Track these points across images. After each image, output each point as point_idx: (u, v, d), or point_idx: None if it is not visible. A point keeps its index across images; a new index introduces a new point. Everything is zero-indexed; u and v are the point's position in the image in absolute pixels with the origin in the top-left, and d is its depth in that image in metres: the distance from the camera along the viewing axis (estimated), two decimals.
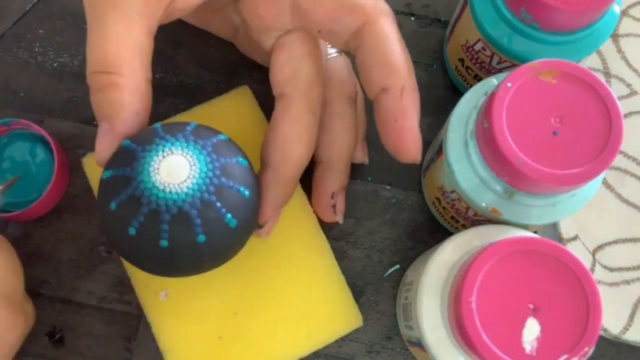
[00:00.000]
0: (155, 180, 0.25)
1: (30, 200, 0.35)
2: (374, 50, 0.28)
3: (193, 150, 0.25)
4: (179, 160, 0.25)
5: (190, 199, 0.25)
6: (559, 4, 0.28)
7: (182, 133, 0.26)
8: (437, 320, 0.28)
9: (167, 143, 0.25)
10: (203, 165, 0.25)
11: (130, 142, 0.26)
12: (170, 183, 0.25)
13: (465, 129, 0.29)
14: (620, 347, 0.36)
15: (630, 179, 0.37)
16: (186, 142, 0.25)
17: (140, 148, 0.25)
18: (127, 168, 0.25)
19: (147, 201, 0.25)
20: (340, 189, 0.34)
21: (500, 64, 0.32)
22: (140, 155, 0.25)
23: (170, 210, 0.25)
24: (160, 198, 0.24)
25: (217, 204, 0.25)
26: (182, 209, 0.25)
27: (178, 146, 0.25)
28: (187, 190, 0.25)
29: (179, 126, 0.27)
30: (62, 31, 0.39)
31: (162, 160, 0.25)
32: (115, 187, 0.25)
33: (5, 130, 0.36)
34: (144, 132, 0.27)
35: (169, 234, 0.25)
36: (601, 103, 0.26)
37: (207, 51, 0.39)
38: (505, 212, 0.29)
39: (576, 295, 0.26)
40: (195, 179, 0.25)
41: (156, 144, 0.25)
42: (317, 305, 0.33)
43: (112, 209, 0.25)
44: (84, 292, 0.36)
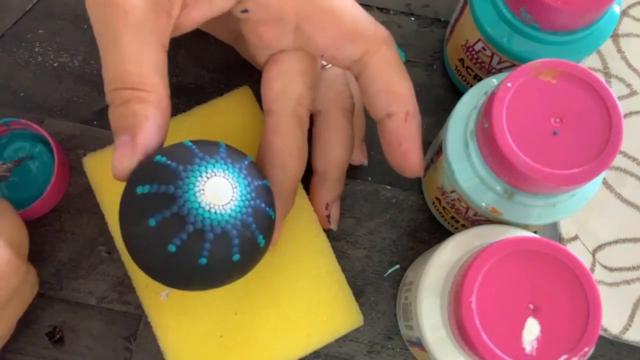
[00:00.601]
0: (202, 201, 0.25)
1: (30, 200, 0.35)
2: (377, 79, 0.29)
3: (232, 173, 0.26)
4: (222, 182, 0.26)
5: (233, 221, 0.25)
6: (559, 4, 0.28)
7: (218, 155, 0.26)
8: (437, 320, 0.28)
9: (209, 164, 0.26)
10: (243, 187, 0.26)
11: (167, 160, 0.26)
12: (215, 204, 0.25)
13: (465, 129, 0.29)
14: (620, 347, 0.36)
15: (630, 179, 0.37)
16: (225, 164, 0.26)
17: (182, 167, 0.26)
18: (169, 186, 0.25)
19: (193, 220, 0.25)
20: (335, 199, 0.35)
21: (500, 64, 0.32)
22: (183, 175, 0.25)
23: (214, 230, 0.25)
24: (206, 218, 0.25)
25: (253, 225, 0.26)
26: (225, 230, 0.25)
27: (219, 168, 0.26)
28: (230, 212, 0.25)
29: (212, 147, 0.27)
30: (62, 31, 0.39)
31: (206, 181, 0.25)
32: (156, 204, 0.25)
33: (5, 130, 0.36)
34: (178, 150, 0.26)
35: (209, 252, 0.25)
36: (601, 103, 0.26)
37: (207, 51, 0.39)
38: (505, 212, 0.29)
39: (576, 295, 0.26)
40: (237, 201, 0.26)
41: (198, 164, 0.26)
42: (317, 304, 0.33)
43: (150, 225, 0.25)
44: (84, 292, 0.36)
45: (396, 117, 0.29)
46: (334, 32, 0.29)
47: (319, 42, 0.30)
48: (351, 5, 0.29)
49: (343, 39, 0.29)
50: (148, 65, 0.27)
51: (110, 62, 0.27)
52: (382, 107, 0.30)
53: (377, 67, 0.29)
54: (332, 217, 0.35)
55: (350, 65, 0.30)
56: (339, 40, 0.29)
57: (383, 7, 0.40)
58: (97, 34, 0.28)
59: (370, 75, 0.30)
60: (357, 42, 0.29)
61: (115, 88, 0.27)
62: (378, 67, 0.29)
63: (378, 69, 0.29)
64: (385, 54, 0.29)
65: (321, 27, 0.29)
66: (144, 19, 0.27)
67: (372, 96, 0.30)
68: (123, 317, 0.35)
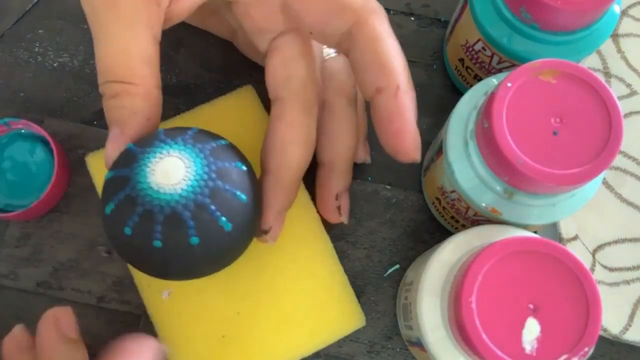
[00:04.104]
0: (151, 181, 0.25)
1: (30, 200, 0.35)
2: (366, 51, 0.28)
3: (190, 153, 0.25)
4: (175, 162, 0.25)
5: (184, 201, 0.25)
6: (559, 4, 0.28)
7: (182, 137, 0.26)
8: (437, 320, 0.28)
9: (166, 145, 0.26)
10: (199, 167, 0.25)
11: (132, 145, 0.26)
12: (164, 184, 0.25)
13: (465, 129, 0.29)
14: (620, 347, 0.36)
15: (630, 179, 0.37)
16: (184, 145, 0.26)
17: (140, 150, 0.26)
18: (126, 169, 0.26)
19: (142, 201, 0.25)
20: (344, 189, 0.34)
21: (500, 64, 0.32)
22: (139, 157, 0.25)
23: (163, 211, 0.25)
24: (154, 199, 0.25)
25: (212, 206, 0.25)
26: (175, 210, 0.25)
27: (176, 149, 0.25)
28: (180, 192, 0.25)
29: (180, 130, 0.27)
30: (62, 31, 0.39)
31: (158, 161, 0.25)
32: (115, 188, 0.26)
33: (5, 130, 0.36)
34: (148, 136, 0.27)
35: (162, 234, 0.25)
36: (601, 103, 0.26)
37: (207, 51, 0.39)
38: (505, 212, 0.29)
39: (576, 295, 0.26)
40: (190, 180, 0.25)
41: (155, 146, 0.26)
42: (320, 305, 0.33)
43: (111, 209, 0.26)
44: (83, 292, 0.36)
45: (386, 91, 0.27)
46: (319, 5, 0.28)
47: (306, 18, 0.29)
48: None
49: (329, 12, 0.28)
50: (137, 58, 0.27)
51: (101, 54, 0.27)
52: (371, 81, 0.28)
53: (365, 39, 0.28)
54: (342, 209, 0.34)
55: (339, 40, 0.29)
56: (325, 14, 0.28)
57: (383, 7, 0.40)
58: (90, 26, 0.28)
59: (359, 48, 0.28)
60: (344, 14, 0.28)
61: (105, 81, 0.27)
62: (366, 39, 0.28)
63: (366, 41, 0.28)
64: (373, 25, 0.28)
65: (306, 3, 0.28)
66: (134, 10, 0.27)
67: (361, 72, 0.28)
68: (123, 317, 0.35)
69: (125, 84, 0.27)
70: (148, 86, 0.27)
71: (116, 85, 0.27)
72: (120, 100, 0.27)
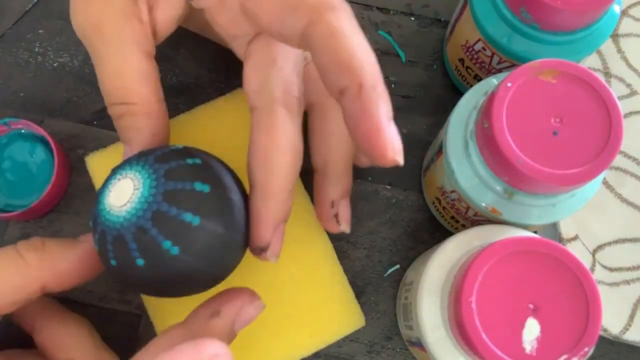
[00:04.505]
0: (106, 203, 0.26)
1: (30, 200, 0.35)
2: (323, 50, 0.25)
3: (142, 174, 0.25)
4: (127, 184, 0.25)
5: (127, 223, 0.25)
6: (559, 4, 0.28)
7: (149, 156, 0.26)
8: (437, 320, 0.28)
9: (128, 167, 0.26)
10: (145, 189, 0.25)
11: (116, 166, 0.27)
12: (114, 206, 0.25)
13: (465, 129, 0.29)
14: (620, 347, 0.36)
15: (630, 179, 0.37)
16: (142, 166, 0.26)
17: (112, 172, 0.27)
18: (94, 208, 0.27)
19: (99, 222, 0.26)
20: (341, 196, 0.32)
21: (500, 64, 0.32)
22: (100, 192, 0.27)
23: (111, 232, 0.25)
24: (106, 220, 0.25)
25: (153, 230, 0.25)
26: (120, 232, 0.25)
27: (133, 170, 0.26)
28: (124, 214, 0.25)
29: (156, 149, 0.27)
30: (62, 31, 0.39)
31: (116, 183, 0.26)
32: (94, 228, 0.27)
33: (5, 130, 0.36)
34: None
35: (113, 254, 0.26)
36: (601, 103, 0.26)
37: (207, 51, 0.39)
38: (505, 212, 0.29)
39: (576, 295, 0.26)
40: (134, 203, 0.25)
41: (111, 177, 0.26)
42: (319, 305, 0.33)
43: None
44: (84, 292, 0.36)
45: (349, 92, 0.24)
46: (271, 3, 0.26)
47: (262, 19, 0.27)
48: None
49: (283, 10, 0.26)
50: (131, 78, 0.28)
51: (100, 78, 0.28)
52: (333, 83, 0.25)
53: (321, 38, 0.25)
54: (340, 217, 0.32)
55: (299, 42, 0.26)
56: (279, 13, 0.26)
57: (383, 7, 0.40)
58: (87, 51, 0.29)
59: (316, 48, 0.25)
60: (298, 12, 0.25)
61: (110, 103, 0.28)
62: (322, 38, 0.25)
63: (323, 40, 0.25)
64: (330, 22, 0.25)
65: (260, 1, 0.27)
66: (118, 32, 0.28)
67: (323, 74, 0.25)
68: (123, 317, 0.35)
69: (126, 104, 0.28)
70: (148, 103, 0.28)
71: (119, 107, 0.28)
72: (124, 121, 0.28)
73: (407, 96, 0.39)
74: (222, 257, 0.27)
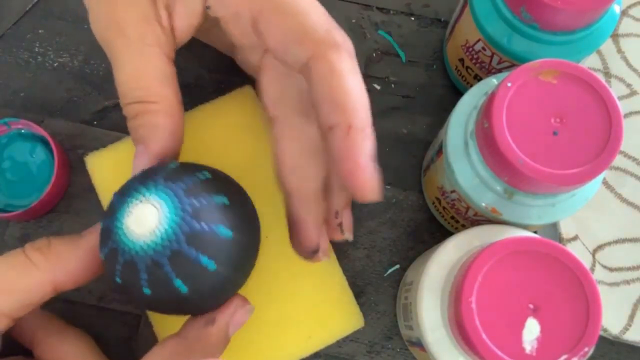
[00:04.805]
0: (124, 223, 0.25)
1: (30, 200, 0.35)
2: (321, 86, 0.26)
3: (168, 205, 0.25)
4: (150, 212, 0.25)
5: (143, 253, 0.25)
6: (559, 4, 0.28)
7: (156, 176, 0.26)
8: (437, 320, 0.28)
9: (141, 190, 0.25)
10: (169, 226, 0.25)
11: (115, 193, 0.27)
12: (133, 231, 0.25)
13: (465, 129, 0.29)
14: (620, 347, 0.36)
15: (630, 179, 0.37)
16: (155, 187, 0.25)
17: (120, 199, 0.26)
18: (108, 220, 0.26)
19: (113, 238, 0.25)
20: (344, 205, 0.32)
21: (500, 64, 0.32)
22: (117, 207, 0.26)
23: (124, 254, 0.25)
24: (121, 241, 0.25)
25: (168, 267, 0.25)
26: (133, 259, 0.25)
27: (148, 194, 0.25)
28: (142, 244, 0.25)
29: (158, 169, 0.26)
30: (62, 31, 0.39)
31: (137, 205, 0.25)
32: (103, 239, 0.26)
33: (5, 130, 0.36)
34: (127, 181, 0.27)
35: (121, 274, 0.25)
36: (601, 103, 0.26)
37: (207, 51, 0.39)
38: (505, 212, 0.29)
39: (576, 295, 0.26)
40: (155, 237, 0.25)
41: (130, 195, 0.25)
42: (318, 305, 0.33)
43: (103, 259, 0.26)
44: (84, 292, 0.36)
45: (337, 129, 0.26)
46: (280, 30, 0.27)
47: (269, 42, 0.28)
48: (307, 4, 0.27)
49: (288, 39, 0.27)
50: (153, 78, 0.28)
51: (119, 79, 0.28)
52: (324, 117, 0.26)
53: (321, 73, 0.26)
54: (344, 226, 0.32)
55: (299, 69, 0.27)
56: (284, 40, 0.27)
57: (383, 7, 0.40)
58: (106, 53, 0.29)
59: (314, 81, 0.27)
60: (303, 44, 0.27)
61: (126, 103, 0.28)
62: (322, 74, 0.26)
63: (322, 76, 0.26)
64: (331, 60, 0.26)
65: (269, 24, 0.27)
66: (141, 34, 0.28)
67: (316, 105, 0.27)
68: (123, 317, 0.35)
69: (144, 103, 0.28)
70: (168, 103, 0.28)
71: (137, 106, 0.28)
72: (140, 119, 0.28)
73: (407, 96, 0.39)
74: (227, 295, 0.28)
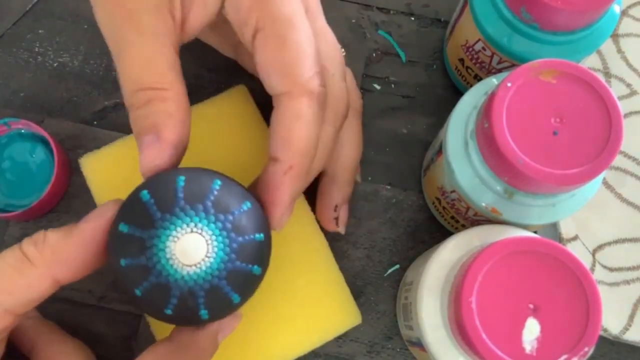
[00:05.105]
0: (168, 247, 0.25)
1: (30, 200, 0.35)
2: (280, 122, 0.28)
3: (212, 228, 0.25)
4: (196, 240, 0.25)
5: (201, 281, 0.25)
6: (559, 4, 0.28)
7: (205, 199, 0.25)
8: (437, 320, 0.28)
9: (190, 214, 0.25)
10: (220, 247, 0.25)
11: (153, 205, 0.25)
12: (178, 260, 0.25)
13: (465, 129, 0.29)
14: (620, 347, 0.36)
15: (630, 179, 0.37)
16: (206, 216, 0.25)
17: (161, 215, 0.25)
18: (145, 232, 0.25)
19: (176, 286, 0.25)
20: (344, 201, 0.34)
21: (500, 64, 0.32)
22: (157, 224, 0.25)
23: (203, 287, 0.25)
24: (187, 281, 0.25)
25: (226, 287, 0.25)
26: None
27: (197, 221, 0.25)
28: (201, 273, 0.25)
29: (204, 187, 0.26)
30: (62, 31, 0.39)
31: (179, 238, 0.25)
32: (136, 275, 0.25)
33: (5, 130, 0.36)
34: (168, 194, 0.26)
35: (206, 305, 0.25)
36: (601, 103, 0.26)
37: (207, 51, 0.39)
38: (505, 212, 0.29)
39: (576, 295, 0.26)
40: (209, 261, 0.25)
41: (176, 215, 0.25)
42: (315, 303, 0.33)
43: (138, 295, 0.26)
44: (84, 292, 0.36)
45: (279, 164, 0.28)
46: (271, 56, 0.28)
47: (257, 57, 0.28)
48: (304, 40, 0.28)
49: (274, 68, 0.28)
50: (164, 65, 0.27)
51: (127, 65, 0.27)
52: (274, 148, 0.28)
53: (287, 111, 0.28)
54: (340, 220, 0.34)
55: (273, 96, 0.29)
56: (270, 67, 0.28)
57: (383, 7, 0.40)
58: (108, 40, 0.28)
59: (278, 115, 0.28)
60: (284, 79, 0.28)
61: (135, 90, 0.27)
62: (287, 112, 0.28)
63: (286, 113, 0.28)
64: (301, 105, 0.28)
65: (265, 46, 0.28)
66: (154, 23, 0.27)
67: (272, 133, 0.28)
68: (123, 317, 0.35)
69: (156, 89, 0.27)
70: (178, 91, 0.27)
71: (147, 93, 0.27)
72: (152, 106, 0.27)
73: (407, 96, 0.39)
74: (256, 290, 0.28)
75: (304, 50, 0.28)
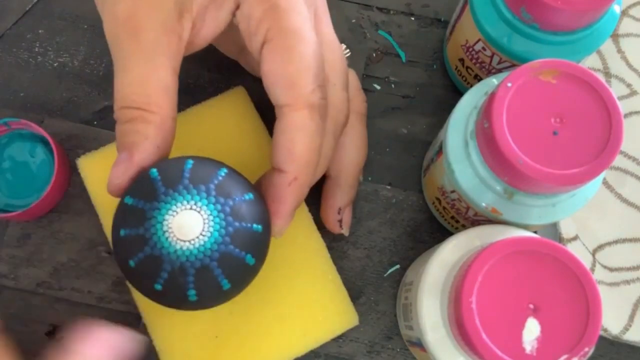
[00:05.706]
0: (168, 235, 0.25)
1: (30, 200, 0.35)
2: (283, 133, 0.29)
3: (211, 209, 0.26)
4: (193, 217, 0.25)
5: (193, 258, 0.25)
6: (559, 4, 0.28)
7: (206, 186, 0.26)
8: (437, 320, 0.28)
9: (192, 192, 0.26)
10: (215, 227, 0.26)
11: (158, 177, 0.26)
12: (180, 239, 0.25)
13: (465, 129, 0.29)
14: (620, 347, 0.36)
15: (630, 179, 0.37)
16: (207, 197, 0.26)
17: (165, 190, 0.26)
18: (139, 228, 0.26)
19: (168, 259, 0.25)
20: (347, 204, 0.34)
21: (500, 64, 0.32)
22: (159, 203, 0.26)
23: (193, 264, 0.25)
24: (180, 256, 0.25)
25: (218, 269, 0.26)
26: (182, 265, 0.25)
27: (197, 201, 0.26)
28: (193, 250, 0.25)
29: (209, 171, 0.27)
30: (62, 31, 0.39)
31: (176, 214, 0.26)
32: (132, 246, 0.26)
33: (5, 130, 0.36)
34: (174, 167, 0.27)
35: (195, 285, 0.26)
36: (601, 103, 0.26)
37: (207, 51, 0.39)
38: (505, 212, 0.29)
39: (576, 295, 0.26)
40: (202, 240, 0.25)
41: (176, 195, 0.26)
42: (313, 304, 0.33)
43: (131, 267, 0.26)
44: (83, 292, 0.36)
45: (283, 176, 0.28)
46: (277, 67, 0.28)
47: (263, 67, 0.29)
48: (311, 54, 0.28)
49: (278, 79, 0.29)
50: (156, 87, 0.28)
51: (120, 81, 0.28)
52: (277, 160, 0.29)
53: (290, 123, 0.28)
54: (344, 222, 0.35)
55: (276, 106, 0.29)
56: (275, 76, 0.29)
57: (383, 7, 0.40)
58: (112, 54, 0.29)
59: (281, 125, 0.29)
60: (288, 91, 0.28)
61: (122, 106, 0.28)
62: (291, 124, 0.28)
63: (289, 125, 0.28)
64: (303, 118, 0.28)
65: (272, 57, 0.28)
66: (156, 42, 0.28)
67: (274, 144, 0.29)
68: (123, 317, 0.35)
69: (142, 110, 0.27)
70: (163, 116, 0.28)
71: (133, 111, 0.28)
72: (134, 125, 0.28)
73: (407, 96, 0.39)
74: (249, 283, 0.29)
75: (308, 63, 0.28)
